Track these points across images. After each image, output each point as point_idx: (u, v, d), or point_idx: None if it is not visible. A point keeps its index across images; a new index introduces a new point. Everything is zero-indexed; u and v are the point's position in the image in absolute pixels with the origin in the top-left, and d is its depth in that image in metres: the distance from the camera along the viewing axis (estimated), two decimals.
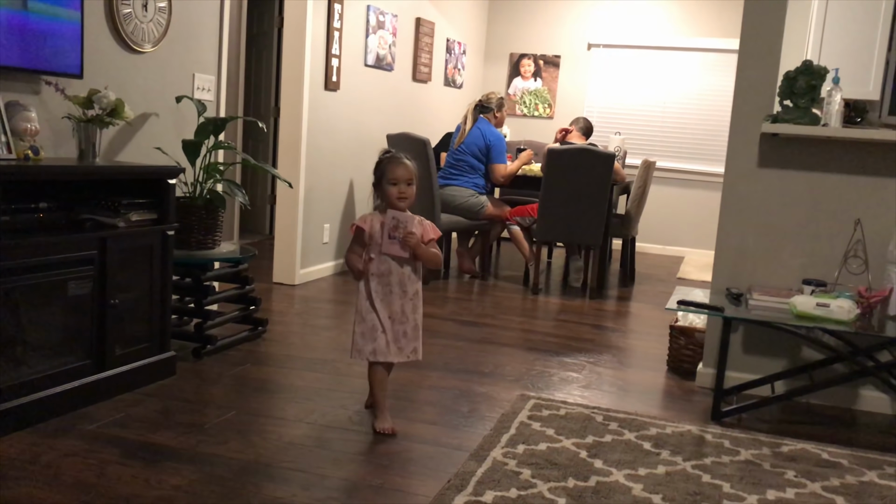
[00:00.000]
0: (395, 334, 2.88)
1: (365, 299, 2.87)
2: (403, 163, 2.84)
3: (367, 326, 2.86)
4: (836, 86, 3.52)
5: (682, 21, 7.99)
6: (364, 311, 2.87)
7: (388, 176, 2.82)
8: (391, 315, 2.87)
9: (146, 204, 3.22)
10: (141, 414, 2.93)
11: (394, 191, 2.82)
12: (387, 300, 2.87)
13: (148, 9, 3.72)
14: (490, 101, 5.96)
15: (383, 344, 2.85)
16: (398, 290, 2.88)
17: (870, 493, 2.62)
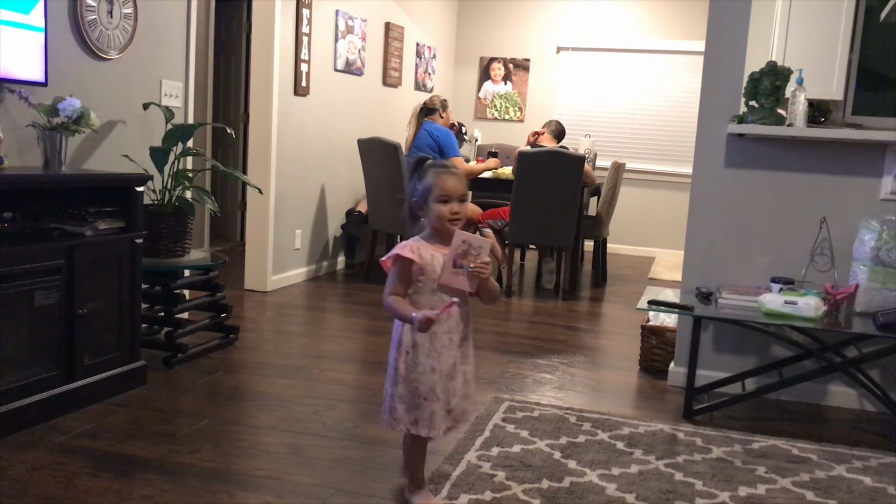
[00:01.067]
0: (447, 395, 2.24)
1: (405, 353, 2.23)
2: (455, 173, 2.23)
3: (409, 390, 2.22)
4: (801, 86, 3.58)
5: (650, 24, 8.06)
6: (405, 370, 2.23)
7: (438, 190, 2.18)
8: (449, 372, 2.23)
9: (114, 212, 3.19)
10: (111, 424, 2.89)
11: (445, 210, 2.18)
12: (443, 353, 2.22)
13: (113, 15, 3.68)
14: (434, 103, 5.99)
15: (427, 414, 2.21)
16: (456, 337, 2.25)
17: (839, 486, 2.65)
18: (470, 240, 2.15)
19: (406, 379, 2.23)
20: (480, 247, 2.16)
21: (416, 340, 2.21)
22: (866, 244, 3.29)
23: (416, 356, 2.22)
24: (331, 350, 4.10)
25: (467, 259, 2.15)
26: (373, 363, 3.91)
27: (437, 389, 2.21)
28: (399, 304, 2.19)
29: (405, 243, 2.23)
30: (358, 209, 6.28)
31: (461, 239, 2.14)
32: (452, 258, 2.15)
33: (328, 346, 4.21)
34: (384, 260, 2.25)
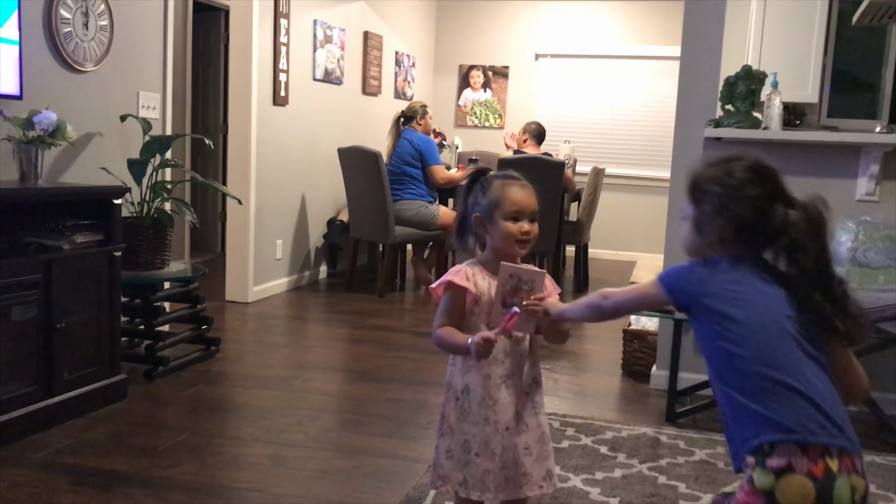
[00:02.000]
0: (513, 453, 1.83)
1: (455, 398, 1.87)
2: (526, 185, 1.89)
3: (459, 443, 1.85)
4: (776, 90, 3.61)
5: (627, 30, 8.12)
6: (455, 419, 1.86)
7: (508, 205, 1.83)
8: (509, 425, 1.83)
9: (92, 225, 3.17)
10: (91, 439, 2.87)
11: (514, 228, 1.83)
12: (500, 401, 1.83)
13: (89, 27, 3.66)
14: (413, 111, 5.95)
15: (479, 473, 1.82)
16: (516, 384, 1.86)
17: None
18: (519, 273, 1.78)
19: (455, 430, 1.86)
20: (532, 280, 1.78)
21: (468, 384, 1.84)
22: (843, 245, 3.32)
23: (467, 403, 1.84)
24: (313, 360, 4.09)
25: (518, 296, 1.78)
26: (356, 372, 3.90)
27: (493, 445, 1.82)
28: (450, 334, 1.83)
29: (459, 268, 1.87)
30: (339, 218, 6.27)
31: (508, 273, 1.77)
32: (501, 296, 1.78)
33: (310, 356, 4.19)
34: (434, 287, 1.90)
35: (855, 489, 1.34)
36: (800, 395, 1.38)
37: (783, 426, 1.36)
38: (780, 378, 1.39)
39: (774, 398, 1.38)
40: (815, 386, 1.39)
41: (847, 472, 1.34)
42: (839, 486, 1.33)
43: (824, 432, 1.35)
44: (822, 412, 1.37)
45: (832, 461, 1.34)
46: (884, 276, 3.26)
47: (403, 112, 6.00)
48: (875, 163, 3.41)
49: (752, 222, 1.48)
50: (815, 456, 1.34)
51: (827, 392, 1.40)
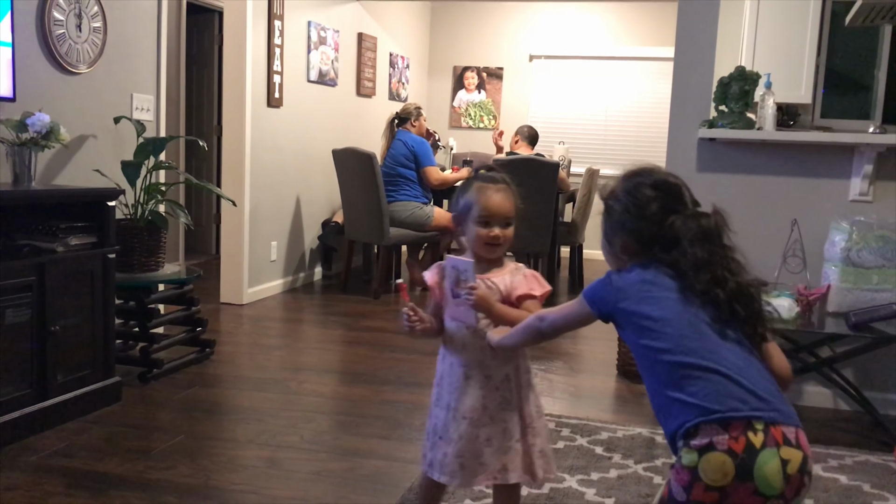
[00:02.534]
0: (472, 444, 1.87)
1: (436, 384, 1.98)
2: (502, 189, 1.91)
3: (431, 425, 1.96)
4: (769, 90, 3.62)
5: (621, 31, 8.13)
6: (432, 402, 1.97)
7: (478, 209, 1.87)
8: (468, 414, 1.87)
9: (85, 227, 3.16)
10: (86, 442, 2.86)
11: (483, 233, 1.87)
12: (460, 391, 1.89)
13: (82, 29, 3.65)
14: (407, 112, 5.95)
15: (440, 456, 1.90)
16: (478, 375, 1.88)
17: (815, 486, 2.67)
18: (457, 263, 1.82)
19: (431, 413, 1.97)
20: (466, 270, 1.81)
21: (442, 372, 1.95)
22: (837, 245, 3.33)
23: (440, 388, 1.95)
24: (308, 362, 4.08)
25: (460, 286, 1.81)
26: (351, 374, 3.90)
27: (451, 431, 1.88)
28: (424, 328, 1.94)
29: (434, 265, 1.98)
30: (334, 220, 6.27)
31: (450, 265, 1.83)
32: (450, 288, 1.85)
33: (306, 358, 4.19)
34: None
35: (788, 461, 1.37)
36: (718, 374, 1.43)
37: (704, 409, 1.41)
38: (696, 362, 1.45)
39: (695, 382, 1.44)
40: (733, 364, 1.45)
41: (775, 444, 1.37)
42: (762, 459, 1.36)
43: (746, 406, 1.40)
44: (743, 387, 1.42)
45: (755, 436, 1.37)
46: (877, 275, 3.27)
47: (398, 113, 6.00)
48: (868, 163, 3.42)
49: (649, 235, 1.59)
50: (736, 432, 1.38)
51: (749, 368, 1.46)
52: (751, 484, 1.36)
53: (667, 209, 1.59)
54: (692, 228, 1.56)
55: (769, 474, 1.36)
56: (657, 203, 1.60)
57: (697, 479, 1.38)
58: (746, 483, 1.36)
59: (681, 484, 1.41)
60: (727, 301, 1.52)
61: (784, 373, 1.57)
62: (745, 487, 1.36)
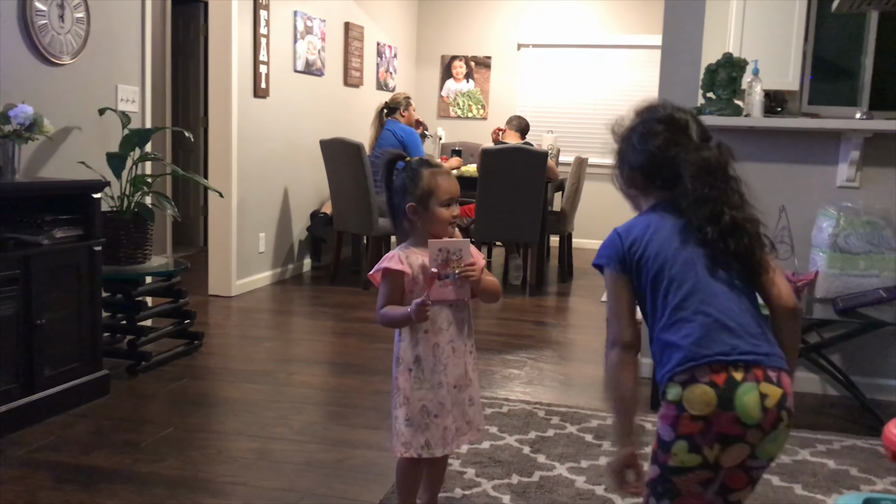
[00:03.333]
0: (462, 407, 2.09)
1: (408, 370, 2.07)
2: (450, 172, 2.11)
3: (417, 410, 2.06)
4: (757, 77, 3.62)
5: (608, 19, 8.12)
6: (409, 389, 2.06)
7: (440, 193, 2.03)
8: (457, 383, 2.08)
9: (71, 220, 3.14)
10: (74, 436, 2.84)
11: (447, 213, 2.04)
12: (449, 364, 2.07)
13: (65, 20, 3.62)
14: (396, 102, 5.94)
15: (439, 432, 2.05)
16: (460, 346, 2.09)
17: (803, 470, 2.69)
18: (447, 245, 1.98)
19: (412, 399, 2.05)
20: (460, 249, 1.97)
21: (418, 355, 2.05)
22: (824, 231, 3.35)
23: (420, 372, 2.05)
24: (298, 353, 4.07)
25: (450, 267, 1.98)
26: (340, 365, 3.89)
27: (447, 404, 2.05)
28: (391, 312, 2.03)
29: (392, 254, 2.06)
30: (323, 210, 6.24)
31: (437, 248, 1.97)
32: (436, 272, 1.97)
33: (295, 349, 4.18)
34: (372, 274, 2.08)
35: (767, 395, 1.45)
36: (709, 318, 1.49)
37: (693, 352, 1.48)
38: (689, 305, 1.51)
39: (686, 326, 1.50)
40: (725, 306, 1.50)
41: (755, 380, 1.45)
42: (742, 391, 1.44)
43: (735, 351, 1.46)
44: (732, 331, 1.48)
45: (736, 372, 1.45)
46: (864, 261, 3.28)
47: (387, 103, 5.98)
48: (855, 149, 3.43)
49: (651, 169, 1.64)
50: (719, 368, 1.45)
51: (739, 310, 1.51)
52: (732, 413, 1.43)
53: (670, 142, 1.62)
54: (693, 161, 1.58)
55: (748, 404, 1.43)
56: (662, 137, 1.63)
57: (682, 411, 1.46)
58: (728, 412, 1.43)
59: (667, 423, 1.48)
60: (720, 237, 1.54)
61: (786, 302, 1.58)
62: (728, 416, 1.43)
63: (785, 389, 1.48)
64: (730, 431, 1.45)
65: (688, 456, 1.47)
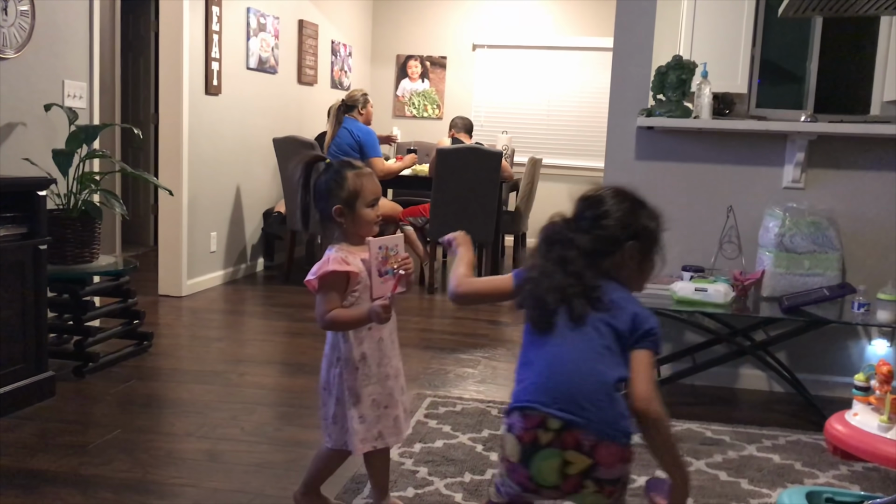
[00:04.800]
0: (402, 395, 2.21)
1: (355, 369, 2.09)
2: (372, 173, 2.15)
3: (367, 405, 2.10)
4: (706, 80, 3.68)
5: (562, 21, 8.19)
6: (359, 387, 2.09)
7: (366, 194, 2.09)
8: (395, 373, 2.17)
9: (14, 218, 3.06)
10: (16, 439, 2.77)
11: (372, 213, 2.10)
12: (388, 356, 2.15)
13: (8, 12, 3.53)
14: (354, 99, 5.75)
15: (391, 422, 2.13)
16: (395, 339, 2.20)
17: (749, 465, 2.75)
18: (385, 242, 2.03)
19: (362, 395, 2.08)
20: (396, 245, 2.04)
21: (364, 353, 2.09)
22: (771, 231, 3.42)
23: (366, 368, 2.09)
24: (249, 354, 4.03)
25: (389, 263, 2.03)
26: (293, 365, 3.86)
27: (395, 393, 2.15)
28: (345, 314, 2.03)
29: (330, 257, 2.06)
30: (277, 209, 6.18)
31: (377, 246, 2.00)
32: (377, 268, 2.00)
33: (247, 349, 4.13)
34: (310, 280, 2.06)
35: (570, 464, 1.51)
36: (551, 371, 1.57)
37: (518, 396, 1.59)
38: (534, 354, 1.62)
39: (527, 369, 1.62)
40: (574, 368, 1.57)
41: (560, 447, 1.51)
42: (541, 456, 1.52)
43: (555, 405, 1.52)
44: (566, 389, 1.54)
45: (545, 434, 1.52)
46: (808, 260, 3.36)
47: (344, 101, 5.82)
48: (801, 151, 3.51)
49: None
50: (531, 425, 1.53)
51: (586, 376, 1.56)
52: (527, 471, 1.53)
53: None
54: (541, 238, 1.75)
55: (544, 470, 1.52)
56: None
57: (503, 446, 1.59)
58: (525, 469, 1.53)
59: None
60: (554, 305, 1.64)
61: (635, 397, 1.56)
62: (523, 472, 1.54)
63: (598, 461, 1.49)
64: (525, 484, 1.55)
65: (504, 478, 1.61)
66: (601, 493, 1.51)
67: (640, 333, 1.62)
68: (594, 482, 1.50)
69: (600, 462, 1.49)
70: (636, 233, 1.70)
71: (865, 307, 3.16)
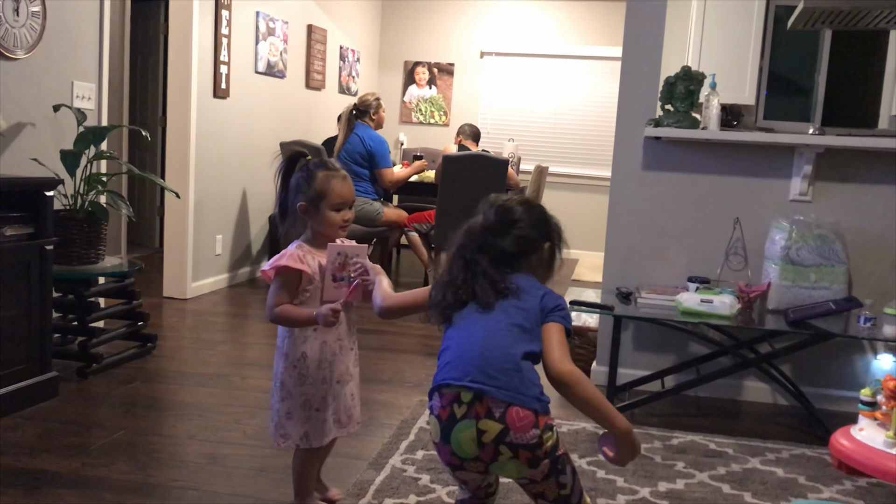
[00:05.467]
0: (344, 401, 2.21)
1: (293, 366, 2.14)
2: (346, 177, 2.14)
3: (299, 404, 2.14)
4: (714, 91, 3.68)
5: (571, 30, 8.19)
6: (293, 384, 2.14)
7: (332, 197, 2.10)
8: (340, 378, 2.19)
9: (21, 218, 3.06)
10: (19, 439, 2.77)
11: (337, 218, 2.11)
12: (333, 361, 2.17)
13: (20, 13, 3.54)
14: (367, 105, 5.72)
15: (319, 424, 2.16)
16: (346, 345, 2.20)
17: (753, 478, 2.74)
18: (345, 250, 2.07)
19: (294, 393, 2.14)
20: (357, 255, 2.08)
21: (305, 352, 2.13)
22: (777, 243, 3.41)
23: (304, 368, 2.13)
24: (253, 357, 4.03)
25: (346, 270, 2.07)
26: None
27: (328, 399, 2.17)
28: (292, 311, 2.08)
29: (288, 251, 2.10)
30: None
31: (335, 252, 2.05)
32: (331, 273, 2.06)
33: (250, 353, 4.13)
34: (266, 270, 2.11)
35: (485, 432, 1.62)
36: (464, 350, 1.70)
37: (435, 379, 1.71)
38: (458, 338, 1.73)
39: (446, 353, 1.74)
40: (486, 343, 1.69)
41: (474, 417, 1.62)
42: (458, 428, 1.63)
43: (466, 378, 1.64)
44: (476, 362, 1.66)
45: (459, 408, 1.64)
46: (815, 273, 3.35)
47: (356, 105, 5.76)
48: (808, 163, 3.50)
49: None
50: (446, 401, 1.65)
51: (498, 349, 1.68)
52: (449, 447, 1.63)
53: None
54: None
55: (462, 441, 1.62)
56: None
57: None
58: (447, 445, 1.64)
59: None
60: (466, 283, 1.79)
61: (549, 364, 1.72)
62: (446, 449, 1.64)
63: (508, 425, 1.61)
64: (450, 461, 1.66)
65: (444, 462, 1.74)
66: (517, 458, 1.62)
67: (549, 309, 1.78)
68: (508, 447, 1.61)
69: (511, 426, 1.61)
70: (548, 234, 1.89)
71: (871, 321, 3.15)
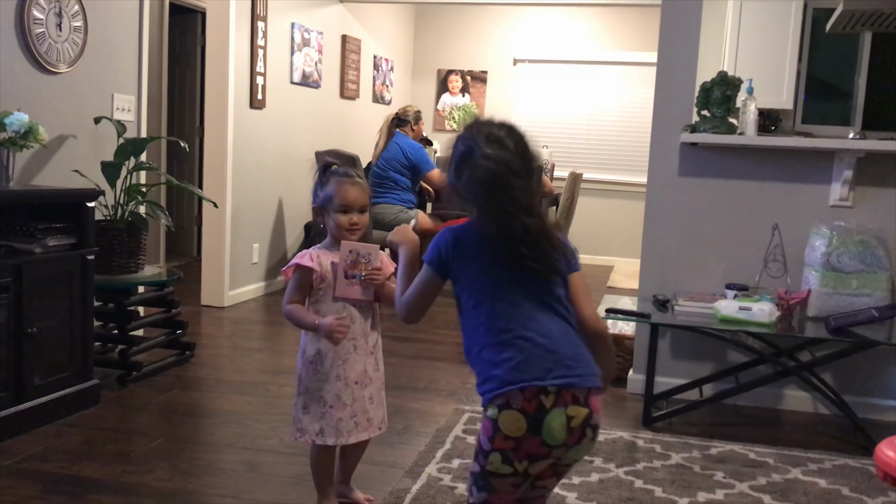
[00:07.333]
0: (362, 404, 2.27)
1: (309, 362, 2.25)
2: (357, 182, 2.23)
3: (314, 399, 2.23)
4: (751, 95, 3.64)
5: (604, 36, 8.16)
6: (309, 379, 2.24)
7: (338, 200, 2.20)
8: (357, 379, 2.26)
9: (64, 228, 3.12)
10: (63, 446, 2.82)
11: (344, 220, 2.20)
12: (349, 360, 2.24)
13: (63, 28, 3.62)
14: (407, 115, 5.90)
15: (333, 422, 2.22)
16: (362, 345, 2.28)
17: (795, 489, 2.69)
18: (357, 248, 2.18)
19: (311, 389, 2.24)
20: (369, 254, 2.19)
21: (319, 349, 2.23)
22: (817, 250, 3.36)
23: (319, 365, 2.23)
24: (289, 365, 4.05)
25: (358, 268, 2.18)
26: None
27: (344, 397, 2.23)
28: (300, 313, 2.21)
29: (305, 252, 2.24)
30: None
31: (348, 249, 2.17)
32: (343, 270, 2.17)
33: (286, 360, 4.16)
34: (285, 270, 2.26)
35: (573, 417, 1.58)
36: (529, 342, 1.60)
37: (511, 378, 1.58)
38: (514, 330, 1.61)
39: (510, 349, 1.60)
40: (546, 330, 1.62)
41: (563, 405, 1.57)
42: (550, 418, 1.57)
43: (550, 375, 1.57)
44: (552, 355, 1.59)
45: (547, 398, 1.57)
46: (856, 280, 3.29)
47: (397, 114, 5.93)
48: (848, 168, 3.45)
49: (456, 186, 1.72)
50: (531, 396, 1.57)
51: (560, 335, 1.63)
52: (539, 437, 1.57)
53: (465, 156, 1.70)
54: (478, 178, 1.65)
55: (555, 429, 1.57)
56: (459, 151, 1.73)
57: (498, 430, 1.58)
58: (536, 436, 1.57)
59: (486, 434, 1.61)
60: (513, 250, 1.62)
61: (592, 326, 1.71)
62: (535, 440, 1.58)
63: (591, 408, 1.61)
64: (537, 452, 1.59)
65: (501, 466, 1.60)
66: (594, 439, 1.64)
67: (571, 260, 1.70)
68: (592, 429, 1.62)
69: (594, 409, 1.61)
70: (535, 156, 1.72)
71: None
